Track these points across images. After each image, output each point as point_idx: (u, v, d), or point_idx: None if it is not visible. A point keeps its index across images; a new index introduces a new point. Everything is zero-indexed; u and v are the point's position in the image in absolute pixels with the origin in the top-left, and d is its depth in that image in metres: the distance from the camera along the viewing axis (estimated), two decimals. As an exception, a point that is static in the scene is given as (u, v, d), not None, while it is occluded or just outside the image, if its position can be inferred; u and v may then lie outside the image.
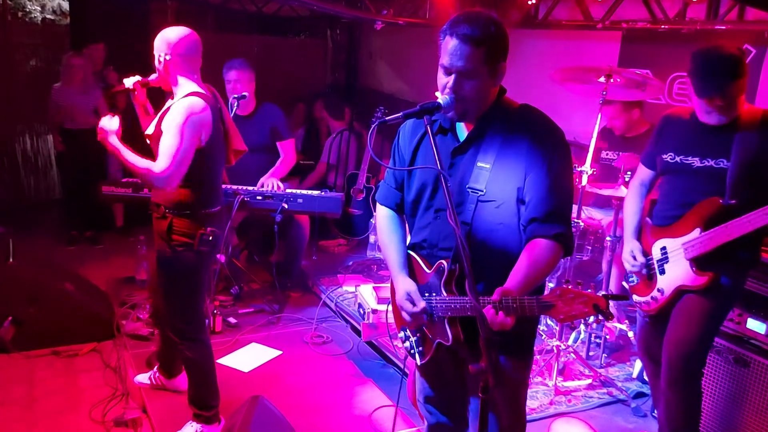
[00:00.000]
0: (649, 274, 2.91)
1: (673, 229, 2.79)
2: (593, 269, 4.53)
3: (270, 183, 4.54)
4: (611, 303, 4.12)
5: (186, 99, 2.82)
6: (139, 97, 3.00)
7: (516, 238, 2.01)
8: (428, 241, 2.13)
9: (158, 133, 2.84)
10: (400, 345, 2.30)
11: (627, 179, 3.76)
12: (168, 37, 2.87)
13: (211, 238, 2.96)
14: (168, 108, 2.86)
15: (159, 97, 3.02)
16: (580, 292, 1.73)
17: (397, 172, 2.24)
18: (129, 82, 2.96)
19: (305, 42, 9.54)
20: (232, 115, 4.24)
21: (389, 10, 5.91)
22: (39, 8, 10.53)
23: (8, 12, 7.59)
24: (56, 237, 6.06)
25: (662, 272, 2.84)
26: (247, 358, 4.00)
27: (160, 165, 2.75)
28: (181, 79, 2.90)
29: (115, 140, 2.81)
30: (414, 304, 2.07)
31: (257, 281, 5.00)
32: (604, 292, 4.03)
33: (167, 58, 2.85)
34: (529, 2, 5.16)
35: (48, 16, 10.55)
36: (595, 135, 3.75)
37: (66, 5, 9.26)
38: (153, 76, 2.95)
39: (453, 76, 1.91)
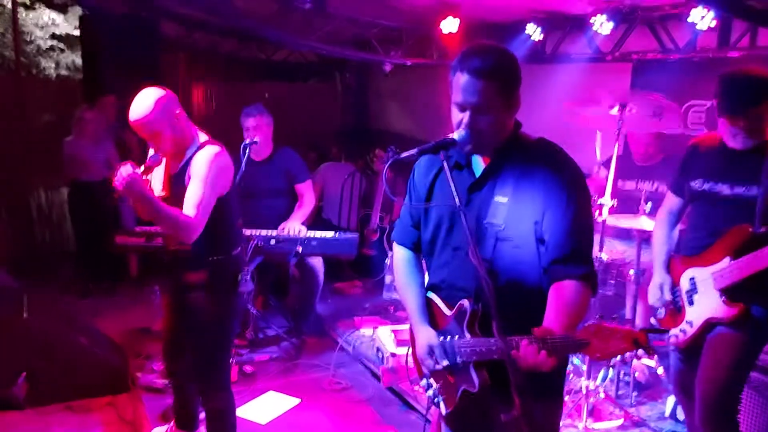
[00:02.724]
0: (677, 306, 2.80)
1: (702, 259, 2.69)
2: (617, 304, 4.41)
3: (292, 227, 4.51)
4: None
5: (209, 148, 2.80)
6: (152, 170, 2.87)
7: (536, 276, 1.94)
8: (446, 281, 2.06)
9: (176, 191, 2.81)
10: (422, 392, 2.20)
11: (647, 210, 3.68)
12: (161, 100, 2.74)
13: (248, 277, 2.95)
14: (188, 160, 2.82)
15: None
16: (617, 328, 1.63)
17: (414, 210, 2.18)
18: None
19: (315, 87, 9.65)
20: (245, 160, 4.25)
21: (397, 52, 5.96)
22: (53, 65, 10.78)
23: (22, 69, 7.75)
24: (71, 289, 6.03)
25: (691, 303, 2.73)
26: (264, 408, 3.89)
27: (188, 213, 2.70)
28: (192, 131, 2.88)
29: (139, 186, 2.65)
30: (435, 361, 1.99)
31: (273, 327, 4.92)
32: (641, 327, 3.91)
33: (179, 117, 2.79)
34: (536, 39, 5.20)
35: (62, 72, 10.80)
36: (612, 167, 3.67)
37: (79, 61, 9.46)
38: (152, 156, 2.83)
39: (468, 112, 1.86)
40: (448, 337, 2.00)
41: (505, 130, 1.94)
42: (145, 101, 2.72)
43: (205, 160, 2.76)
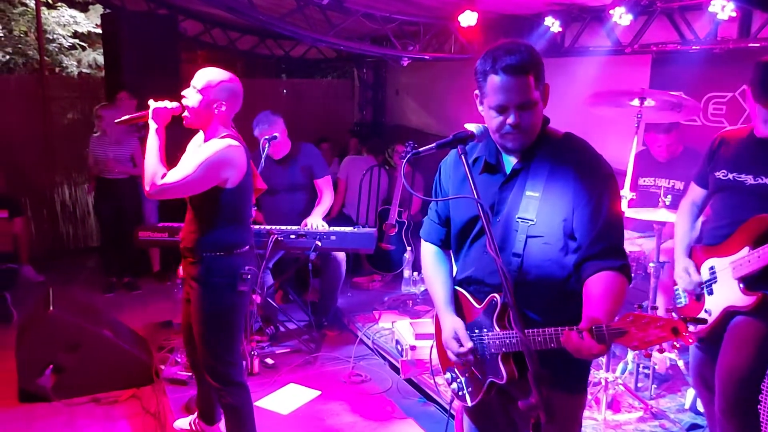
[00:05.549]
0: (697, 294, 2.80)
1: (721, 248, 2.69)
2: (636, 298, 4.39)
3: (313, 223, 4.54)
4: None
5: (226, 140, 2.84)
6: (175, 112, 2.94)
7: (562, 272, 1.96)
8: (474, 277, 2.08)
9: None
10: (446, 387, 2.20)
11: (667, 202, 3.66)
12: (231, 89, 2.85)
13: (249, 276, 2.95)
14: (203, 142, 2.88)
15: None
16: (655, 317, 1.60)
17: (441, 208, 2.21)
18: (171, 104, 2.89)
19: (332, 82, 9.70)
20: (264, 156, 4.29)
21: (415, 46, 5.96)
22: (75, 63, 10.94)
23: (46, 68, 7.86)
24: (95, 284, 6.14)
25: (710, 293, 2.73)
26: (285, 399, 3.95)
27: (168, 177, 2.77)
28: (222, 127, 2.92)
29: (156, 128, 2.82)
30: (461, 344, 2.00)
31: (293, 320, 4.97)
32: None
33: (222, 109, 2.85)
34: (555, 31, 5.17)
35: (84, 70, 10.95)
36: (632, 159, 3.66)
37: (101, 59, 9.58)
38: (175, 105, 2.88)
39: (512, 112, 1.86)
40: (476, 331, 2.02)
41: (540, 123, 1.96)
42: (217, 73, 2.85)
43: (214, 145, 2.81)
